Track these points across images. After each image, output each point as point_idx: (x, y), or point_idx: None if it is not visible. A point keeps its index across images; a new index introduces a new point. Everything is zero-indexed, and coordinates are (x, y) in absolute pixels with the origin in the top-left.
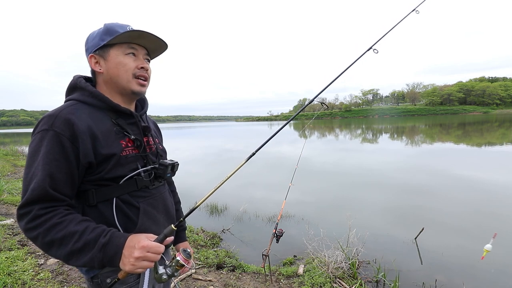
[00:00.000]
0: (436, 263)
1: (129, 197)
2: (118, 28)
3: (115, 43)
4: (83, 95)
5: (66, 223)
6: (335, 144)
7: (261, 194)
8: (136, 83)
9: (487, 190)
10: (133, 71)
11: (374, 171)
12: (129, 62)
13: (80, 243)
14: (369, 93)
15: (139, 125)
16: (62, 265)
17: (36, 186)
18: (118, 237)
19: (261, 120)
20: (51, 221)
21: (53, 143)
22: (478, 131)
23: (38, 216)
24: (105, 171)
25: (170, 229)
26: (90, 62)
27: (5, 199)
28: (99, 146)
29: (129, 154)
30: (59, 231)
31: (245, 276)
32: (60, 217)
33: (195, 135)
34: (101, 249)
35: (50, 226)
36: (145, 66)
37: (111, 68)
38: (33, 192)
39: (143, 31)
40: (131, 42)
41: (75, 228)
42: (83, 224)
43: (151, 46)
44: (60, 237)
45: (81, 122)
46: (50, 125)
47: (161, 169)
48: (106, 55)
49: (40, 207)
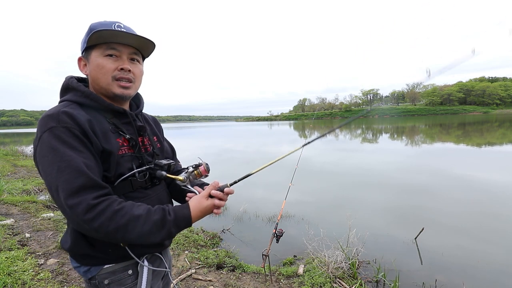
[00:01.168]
0: (436, 263)
1: (124, 198)
2: (101, 27)
3: (95, 44)
4: (76, 95)
5: (126, 209)
6: (335, 144)
7: (261, 194)
8: (117, 85)
9: (487, 190)
10: (112, 74)
11: (374, 171)
12: (107, 64)
13: (147, 225)
14: (369, 93)
15: (134, 125)
16: (62, 265)
17: (77, 174)
18: (181, 210)
19: (261, 120)
20: (111, 208)
21: (69, 137)
22: (478, 131)
23: (95, 205)
24: (110, 168)
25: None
26: (79, 65)
27: (5, 199)
28: (100, 140)
29: (125, 153)
30: (122, 217)
31: (245, 276)
32: (118, 204)
33: (195, 135)
34: (173, 225)
35: (112, 214)
36: (125, 67)
37: (92, 70)
38: (76, 179)
39: (119, 31)
40: (111, 42)
41: (137, 212)
42: (142, 207)
43: (138, 45)
44: (125, 223)
45: (82, 117)
46: (57, 122)
47: (157, 170)
48: (89, 57)
49: (92, 197)
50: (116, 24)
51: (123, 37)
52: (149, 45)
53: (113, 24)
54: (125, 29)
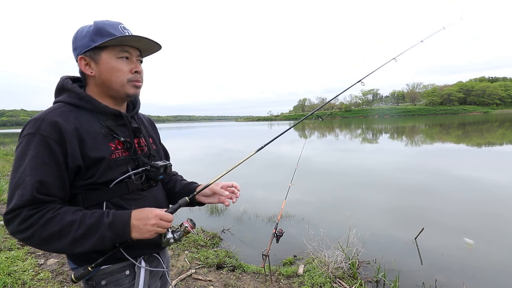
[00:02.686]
0: (436, 263)
1: (120, 200)
2: (110, 28)
3: (107, 45)
4: (70, 97)
5: (61, 215)
6: (335, 144)
7: (261, 194)
8: (131, 86)
9: (487, 190)
10: (127, 76)
11: (374, 171)
12: (123, 66)
13: (81, 229)
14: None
15: (129, 127)
16: (62, 265)
17: (25, 192)
18: (121, 215)
19: (261, 120)
20: (44, 217)
21: (40, 147)
22: (478, 131)
23: (30, 216)
24: (97, 175)
25: (184, 200)
26: (80, 64)
27: (5, 199)
28: (87, 149)
29: (118, 157)
30: (56, 224)
31: (245, 276)
32: (52, 212)
33: (195, 135)
34: (108, 228)
35: (45, 222)
36: (139, 70)
37: (103, 72)
38: (22, 197)
39: (139, 37)
40: (124, 45)
41: (72, 217)
42: (78, 213)
43: (144, 47)
44: (59, 229)
45: (68, 124)
46: (36, 128)
47: (153, 171)
48: (97, 58)
49: (29, 208)
50: (122, 26)
51: (137, 41)
52: (154, 48)
53: (119, 25)
54: (129, 31)
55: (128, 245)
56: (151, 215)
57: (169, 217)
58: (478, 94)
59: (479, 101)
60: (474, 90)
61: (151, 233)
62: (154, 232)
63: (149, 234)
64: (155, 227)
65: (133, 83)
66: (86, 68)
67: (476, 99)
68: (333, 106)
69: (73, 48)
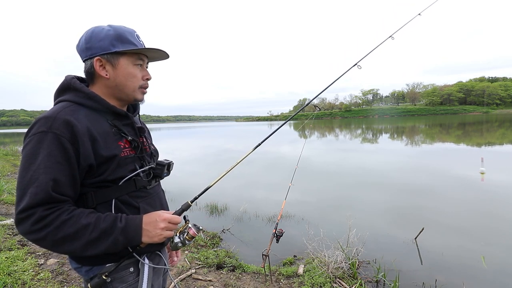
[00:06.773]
0: (436, 263)
1: (128, 197)
2: (129, 35)
3: (126, 52)
4: (77, 96)
5: (76, 218)
6: (335, 144)
7: (261, 194)
8: (141, 92)
9: (487, 190)
10: (140, 83)
11: (374, 171)
12: (137, 73)
13: (96, 232)
14: (369, 93)
15: (134, 126)
16: (62, 265)
17: (39, 190)
18: (133, 219)
19: (261, 120)
20: (59, 219)
21: (54, 146)
22: (478, 131)
23: (44, 216)
24: (107, 172)
25: (187, 204)
26: (95, 65)
27: (5, 199)
28: (99, 147)
29: (127, 155)
30: (70, 226)
31: (245, 276)
32: (67, 214)
33: (195, 135)
34: (121, 232)
35: (59, 224)
36: (149, 77)
37: (119, 76)
38: (36, 196)
39: (160, 50)
40: (141, 53)
41: (86, 220)
42: (93, 215)
43: (155, 56)
44: (73, 232)
45: (80, 123)
46: (48, 126)
47: (159, 169)
48: (115, 62)
49: (44, 209)
50: (136, 34)
51: (154, 52)
52: (162, 58)
53: (134, 33)
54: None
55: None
56: (159, 219)
57: (177, 220)
58: (478, 94)
59: (479, 101)
60: (474, 90)
61: (160, 237)
62: (163, 237)
63: (158, 238)
64: (164, 230)
65: (142, 89)
66: (101, 69)
67: (476, 99)
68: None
69: (86, 47)
